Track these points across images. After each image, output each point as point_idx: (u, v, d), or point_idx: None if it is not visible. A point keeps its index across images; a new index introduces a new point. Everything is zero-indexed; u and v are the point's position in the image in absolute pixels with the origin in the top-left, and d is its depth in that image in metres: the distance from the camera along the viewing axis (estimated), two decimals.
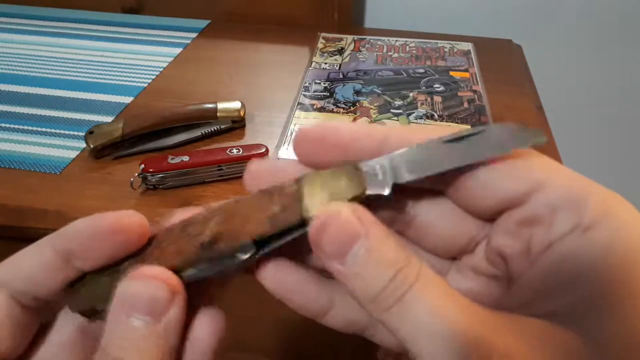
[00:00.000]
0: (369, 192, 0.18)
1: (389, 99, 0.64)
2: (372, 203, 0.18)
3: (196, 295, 0.19)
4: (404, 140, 0.19)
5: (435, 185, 0.19)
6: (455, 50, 0.77)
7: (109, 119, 0.60)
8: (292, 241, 0.18)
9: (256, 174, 0.20)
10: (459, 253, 0.20)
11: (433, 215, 0.20)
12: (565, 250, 0.17)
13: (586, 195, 0.17)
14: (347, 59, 0.74)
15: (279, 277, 0.20)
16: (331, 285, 0.20)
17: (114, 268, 0.19)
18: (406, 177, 0.18)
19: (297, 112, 0.61)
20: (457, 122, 0.60)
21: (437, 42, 0.79)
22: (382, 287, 0.16)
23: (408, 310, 0.16)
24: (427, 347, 0.15)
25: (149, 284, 0.17)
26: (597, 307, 0.16)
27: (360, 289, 0.16)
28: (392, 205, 0.20)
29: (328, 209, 0.17)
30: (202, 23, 0.85)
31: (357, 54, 0.76)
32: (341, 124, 0.19)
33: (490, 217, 0.19)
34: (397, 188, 0.18)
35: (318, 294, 0.20)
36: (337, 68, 0.72)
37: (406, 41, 0.80)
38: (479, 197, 0.18)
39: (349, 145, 0.19)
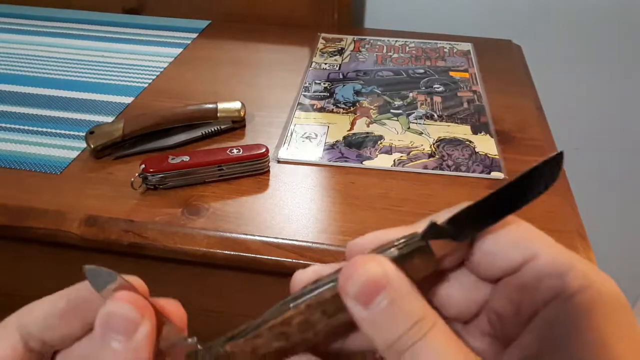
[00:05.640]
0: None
1: (388, 99, 0.64)
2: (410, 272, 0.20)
3: None
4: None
5: (459, 256, 0.22)
6: (455, 51, 0.77)
7: (109, 119, 0.60)
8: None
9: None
10: (471, 318, 0.23)
11: (452, 288, 0.22)
12: (549, 316, 0.19)
13: (569, 268, 0.19)
14: (347, 59, 0.74)
15: None
16: None
17: (216, 341, 0.21)
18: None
19: (297, 112, 0.61)
20: (457, 122, 0.60)
21: (436, 43, 0.79)
22: (398, 336, 0.18)
23: (418, 357, 0.18)
24: None
25: (122, 307, 0.20)
26: None
27: (379, 335, 0.18)
28: (426, 276, 0.21)
29: (356, 259, 0.19)
30: (202, 23, 0.85)
31: (357, 54, 0.76)
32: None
33: (496, 282, 0.22)
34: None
35: None
36: (337, 68, 0.72)
37: (406, 41, 0.80)
38: (487, 264, 0.21)
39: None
